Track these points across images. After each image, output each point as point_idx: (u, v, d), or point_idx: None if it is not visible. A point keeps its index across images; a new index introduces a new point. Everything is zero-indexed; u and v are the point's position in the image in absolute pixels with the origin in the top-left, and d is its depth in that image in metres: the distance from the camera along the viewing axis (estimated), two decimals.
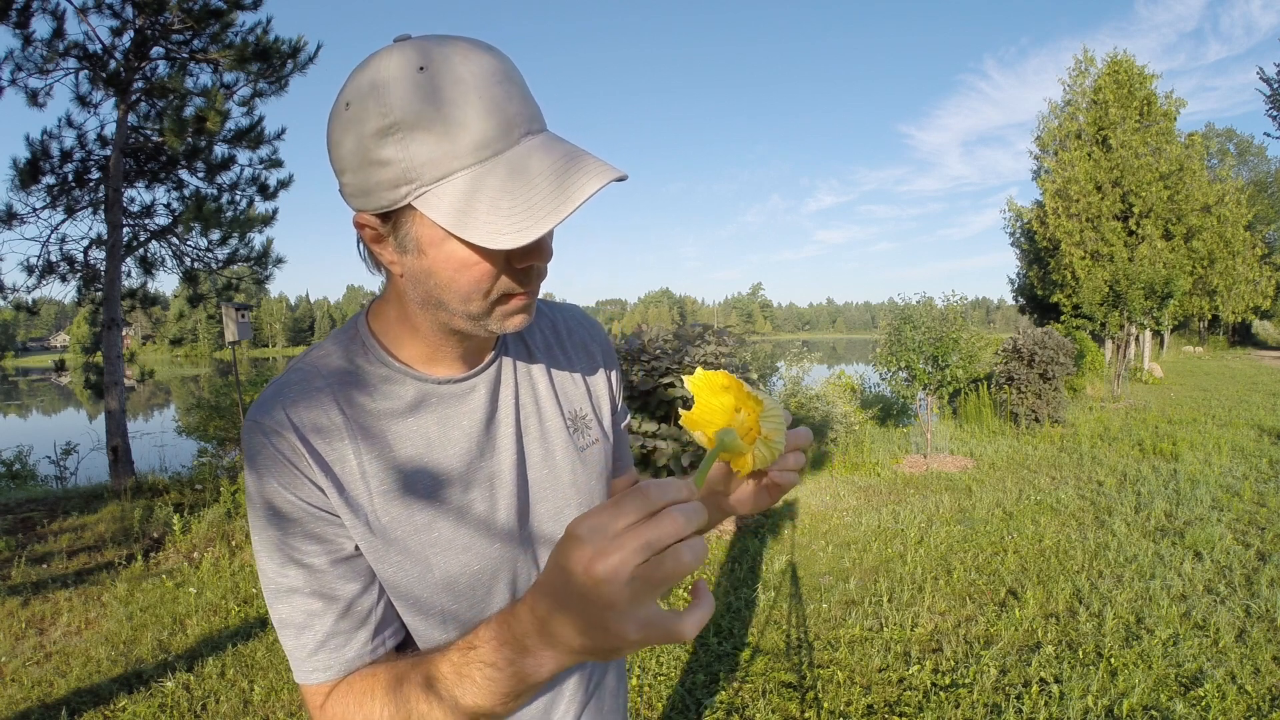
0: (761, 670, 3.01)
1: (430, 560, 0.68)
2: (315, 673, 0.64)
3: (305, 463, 0.63)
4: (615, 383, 0.89)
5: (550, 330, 0.83)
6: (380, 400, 0.68)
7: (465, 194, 0.54)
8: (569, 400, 0.81)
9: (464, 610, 0.71)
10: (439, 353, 0.69)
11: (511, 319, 0.64)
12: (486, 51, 0.57)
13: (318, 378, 0.67)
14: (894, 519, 5.18)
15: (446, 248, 0.58)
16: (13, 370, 62.01)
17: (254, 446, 0.64)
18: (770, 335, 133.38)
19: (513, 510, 0.73)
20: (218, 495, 5.50)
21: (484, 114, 0.54)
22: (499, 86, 0.55)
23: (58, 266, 7.78)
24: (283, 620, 0.64)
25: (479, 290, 0.60)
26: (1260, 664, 2.87)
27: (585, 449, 0.80)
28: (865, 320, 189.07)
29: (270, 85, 7.82)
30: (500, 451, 0.73)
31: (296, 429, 0.64)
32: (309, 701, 0.66)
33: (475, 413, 0.72)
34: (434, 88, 0.54)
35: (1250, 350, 28.89)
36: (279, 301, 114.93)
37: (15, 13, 6.53)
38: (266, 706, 2.81)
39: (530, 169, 0.55)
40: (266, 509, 0.63)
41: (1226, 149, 34.26)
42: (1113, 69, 20.13)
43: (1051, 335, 9.28)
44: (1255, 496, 5.37)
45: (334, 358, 0.69)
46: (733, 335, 5.80)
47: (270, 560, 0.64)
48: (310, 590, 0.64)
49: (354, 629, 0.65)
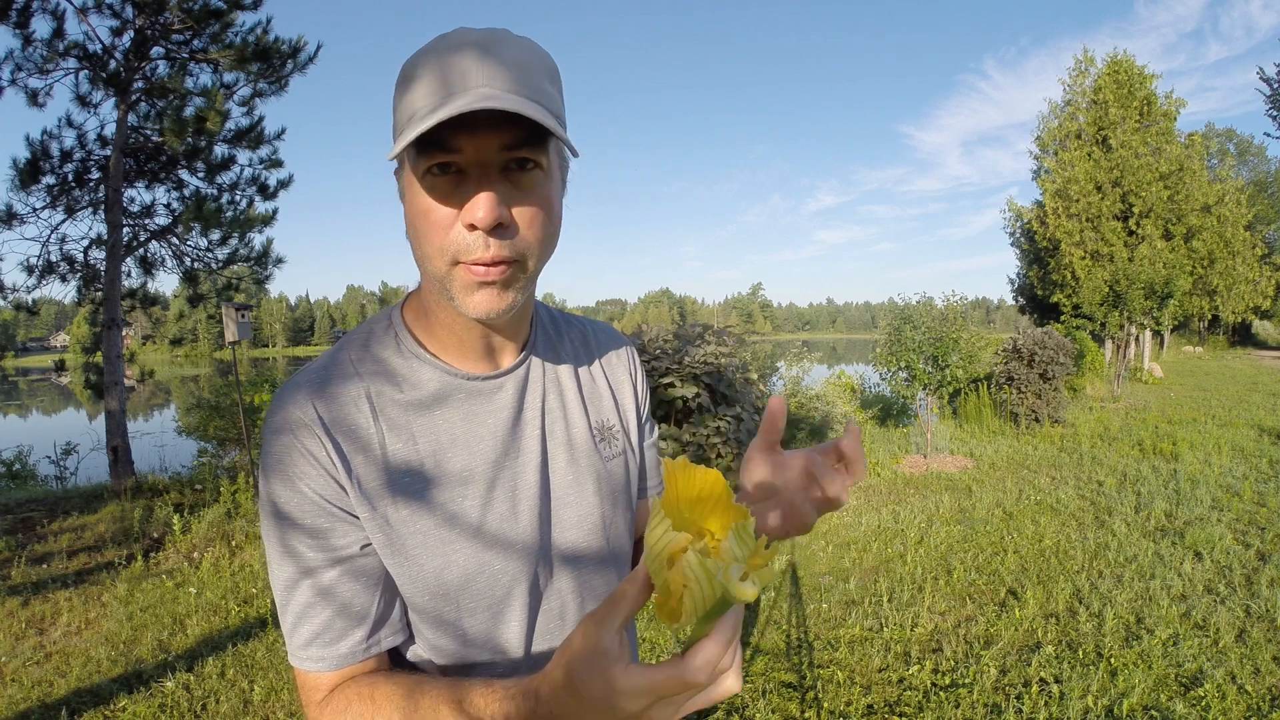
0: (761, 670, 3.01)
1: (448, 557, 0.67)
2: (308, 662, 0.65)
3: (326, 456, 0.63)
4: (643, 401, 0.88)
5: (580, 341, 0.83)
6: (408, 390, 0.68)
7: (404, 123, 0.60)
8: (597, 410, 0.80)
9: (479, 611, 0.70)
10: (464, 345, 0.70)
11: (472, 296, 0.62)
12: (496, 32, 0.61)
13: (348, 365, 0.68)
14: (894, 519, 5.18)
15: (413, 192, 0.61)
16: (13, 370, 62.03)
17: (276, 434, 0.64)
18: (770, 335, 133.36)
19: (534, 514, 0.72)
20: (218, 495, 5.50)
21: (447, 66, 0.58)
22: (481, 50, 0.58)
23: (58, 266, 7.78)
24: (283, 605, 0.65)
25: (436, 243, 0.61)
26: (1260, 664, 2.87)
27: (611, 460, 0.79)
28: (865, 320, 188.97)
29: (270, 85, 7.82)
30: (524, 454, 0.72)
31: (322, 421, 0.64)
32: (302, 686, 0.66)
33: (501, 412, 0.71)
34: (430, 50, 0.60)
35: (1250, 350, 28.88)
36: (279, 301, 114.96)
37: (15, 13, 6.54)
38: (266, 706, 2.81)
39: (442, 100, 0.57)
40: (279, 498, 0.64)
41: (1226, 149, 34.25)
42: (1113, 69, 20.14)
43: (1051, 335, 9.28)
44: (1255, 496, 5.37)
45: (366, 346, 0.70)
46: (733, 335, 5.81)
47: (276, 548, 0.65)
48: (311, 583, 0.64)
49: (350, 626, 0.65)
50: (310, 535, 0.64)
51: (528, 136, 0.59)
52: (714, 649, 0.45)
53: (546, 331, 0.80)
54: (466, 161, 0.59)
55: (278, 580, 0.65)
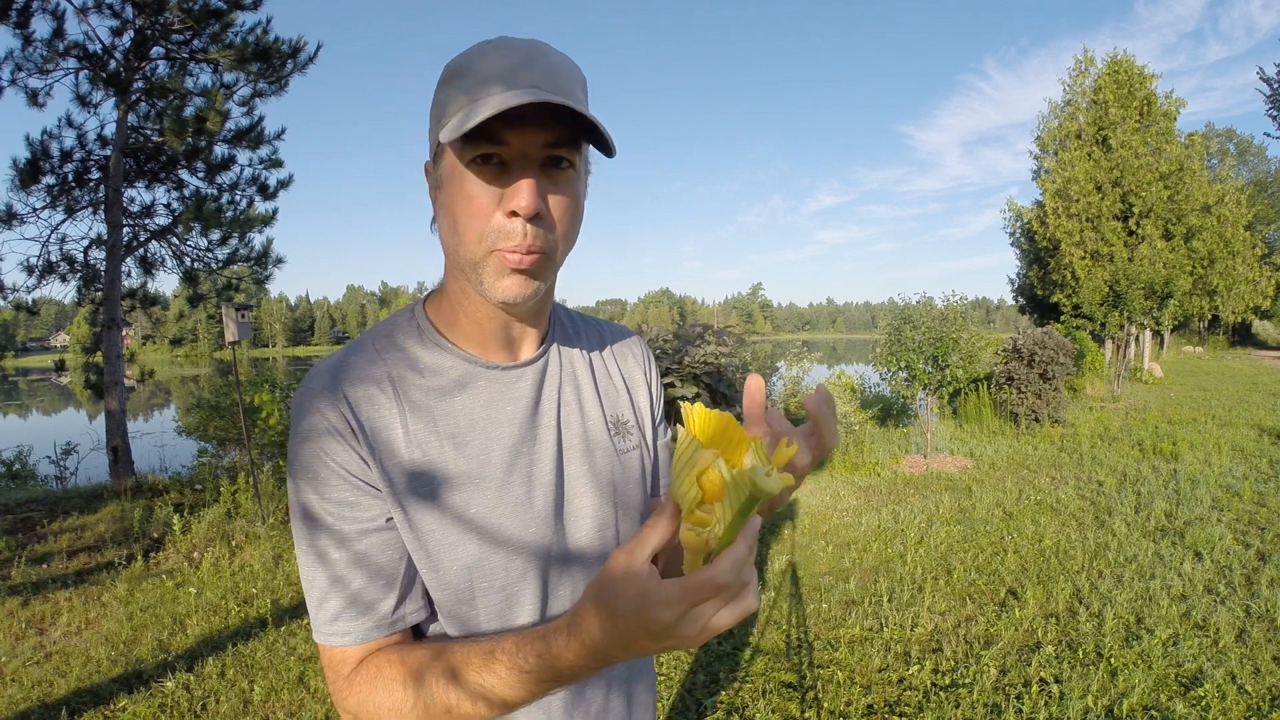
0: (761, 670, 3.01)
1: (462, 537, 0.69)
2: (334, 637, 0.66)
3: (351, 433, 0.66)
4: (657, 400, 0.91)
5: (597, 340, 0.87)
6: (431, 377, 0.71)
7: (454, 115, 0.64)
8: (612, 405, 0.83)
9: (491, 593, 0.71)
10: (486, 335, 0.73)
11: (502, 280, 0.65)
12: (539, 41, 0.67)
13: (373, 352, 0.71)
14: (894, 519, 5.18)
15: (457, 180, 0.65)
16: (13, 370, 62.02)
17: (303, 413, 0.67)
18: (770, 335, 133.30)
19: (549, 500, 0.74)
20: (218, 495, 5.50)
21: (496, 64, 0.63)
22: (528, 54, 0.64)
23: (58, 266, 7.78)
24: (309, 582, 0.67)
25: (476, 229, 0.64)
26: (1260, 664, 2.87)
27: (625, 452, 0.82)
28: (865, 320, 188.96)
29: (270, 85, 7.82)
30: (541, 442, 0.75)
31: (348, 400, 0.67)
32: (328, 663, 0.68)
33: (519, 400, 0.74)
34: (477, 51, 0.65)
35: (1250, 350, 28.88)
36: (279, 301, 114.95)
37: (15, 13, 6.54)
38: (266, 706, 2.81)
39: (493, 94, 0.61)
40: (306, 474, 0.66)
41: (1226, 149, 34.25)
42: (1113, 69, 20.13)
43: (1051, 335, 9.28)
44: (1255, 496, 5.37)
45: (390, 335, 0.74)
46: (733, 335, 5.81)
47: (303, 524, 0.67)
48: (337, 557, 0.66)
49: (375, 600, 0.67)
50: (336, 510, 0.66)
51: (567, 137, 0.64)
52: (741, 549, 0.48)
53: (565, 328, 0.84)
54: (510, 154, 0.63)
55: (305, 556, 0.67)
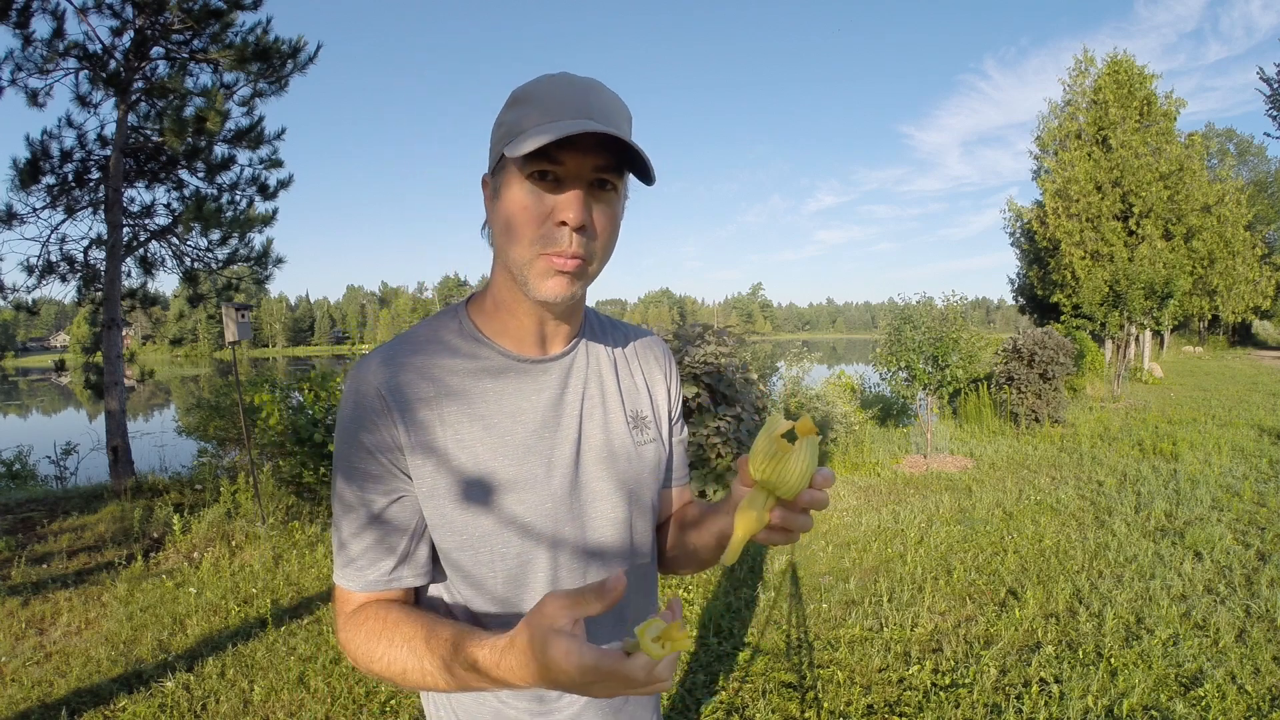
0: (761, 670, 3.01)
1: (485, 505, 0.78)
2: (344, 580, 0.79)
3: (388, 410, 0.77)
4: (675, 401, 0.98)
5: (622, 339, 0.95)
6: (466, 363, 0.81)
7: (519, 135, 0.73)
8: (632, 400, 0.91)
9: (510, 558, 0.80)
10: (522, 331, 0.82)
11: (546, 281, 0.74)
12: (594, 80, 0.76)
13: (417, 342, 0.82)
14: (894, 519, 5.18)
15: (514, 192, 0.74)
16: (13, 370, 62.01)
17: (350, 394, 0.79)
18: (770, 335, 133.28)
19: (566, 481, 0.82)
20: (218, 495, 5.49)
21: (558, 96, 0.73)
22: (586, 90, 0.73)
23: (58, 266, 7.77)
24: (335, 527, 0.80)
25: (530, 234, 0.73)
26: (1260, 664, 2.87)
27: (643, 445, 0.90)
28: (865, 320, 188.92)
29: (270, 85, 7.82)
30: (563, 429, 0.83)
31: (390, 381, 0.78)
32: (338, 599, 0.81)
33: (546, 390, 0.83)
34: (543, 84, 0.75)
35: (1250, 350, 28.89)
36: (279, 301, 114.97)
37: (15, 13, 6.54)
38: (266, 706, 2.81)
39: (555, 121, 0.71)
40: (349, 442, 0.78)
41: (1226, 149, 34.25)
42: (1113, 69, 20.13)
43: (1051, 335, 9.28)
44: (1255, 496, 5.37)
45: (433, 328, 0.84)
46: (733, 335, 5.80)
47: (341, 481, 0.79)
48: (358, 514, 0.78)
49: (381, 557, 0.78)
50: (364, 479, 0.77)
51: (614, 163, 0.73)
52: (660, 666, 0.55)
53: (594, 330, 0.92)
54: (564, 173, 0.72)
55: (336, 505, 0.80)
